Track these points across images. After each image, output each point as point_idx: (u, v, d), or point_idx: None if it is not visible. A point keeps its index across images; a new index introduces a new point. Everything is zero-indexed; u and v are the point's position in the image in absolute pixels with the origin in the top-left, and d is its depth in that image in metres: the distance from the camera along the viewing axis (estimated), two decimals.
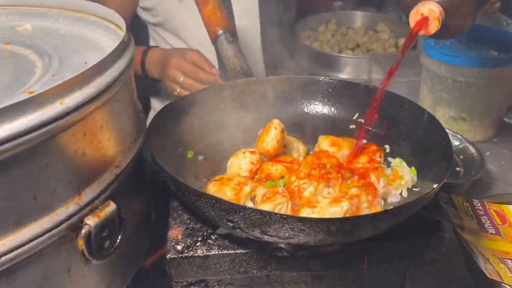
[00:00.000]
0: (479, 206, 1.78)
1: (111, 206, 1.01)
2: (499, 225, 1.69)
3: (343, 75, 2.84)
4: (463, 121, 2.25)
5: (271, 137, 1.31)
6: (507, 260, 1.52)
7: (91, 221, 0.97)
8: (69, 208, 0.93)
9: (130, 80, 1.14)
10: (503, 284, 1.39)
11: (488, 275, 1.44)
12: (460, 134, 2.07)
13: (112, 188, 1.03)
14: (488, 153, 2.14)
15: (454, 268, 1.51)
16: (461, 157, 1.99)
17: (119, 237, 1.06)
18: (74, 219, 0.94)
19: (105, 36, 1.28)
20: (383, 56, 2.79)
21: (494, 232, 1.66)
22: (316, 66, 2.78)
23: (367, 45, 3.02)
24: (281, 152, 1.36)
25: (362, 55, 2.91)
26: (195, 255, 1.12)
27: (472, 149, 2.02)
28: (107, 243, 1.03)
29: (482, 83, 2.11)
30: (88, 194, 0.97)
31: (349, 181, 1.19)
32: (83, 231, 0.96)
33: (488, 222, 1.71)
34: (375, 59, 2.73)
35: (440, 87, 2.23)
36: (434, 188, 1.09)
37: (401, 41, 3.04)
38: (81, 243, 0.96)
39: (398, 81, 2.58)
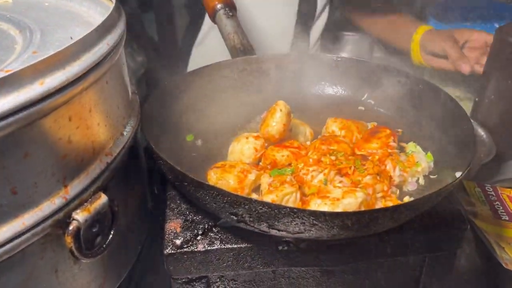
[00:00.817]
0: (491, 191, 1.70)
1: (102, 199, 0.91)
2: None
3: (344, 54, 2.75)
4: (469, 101, 2.16)
5: (276, 121, 1.21)
6: None
7: (79, 216, 0.86)
8: (54, 202, 0.83)
9: (121, 58, 1.03)
10: None
11: (504, 265, 1.37)
12: None
13: (103, 179, 0.93)
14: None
15: (467, 258, 1.43)
16: None
17: (112, 232, 0.96)
18: (61, 214, 0.84)
19: (92, 9, 1.16)
20: None
21: (507, 218, 1.58)
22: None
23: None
24: (287, 136, 1.25)
25: (364, 33, 2.82)
26: (196, 250, 1.03)
27: (480, 131, 1.93)
28: (98, 240, 0.93)
29: None
30: (75, 186, 0.86)
31: (363, 169, 1.09)
32: (71, 227, 0.86)
33: (501, 208, 1.63)
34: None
35: None
36: (457, 177, 1.00)
37: None
38: (69, 241, 0.86)
39: (400, 59, 2.49)
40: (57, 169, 0.82)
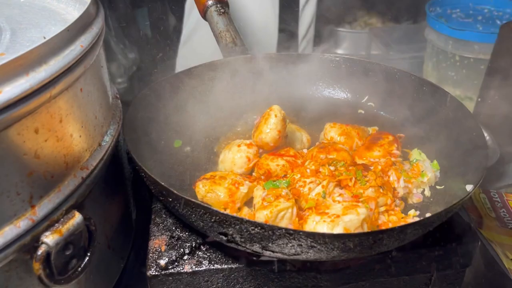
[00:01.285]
0: (496, 198, 1.61)
1: (76, 218, 0.82)
2: None
3: (340, 51, 2.69)
4: (470, 101, 2.09)
5: (270, 127, 1.11)
6: None
7: (49, 239, 0.77)
8: (19, 225, 0.73)
9: (98, 61, 0.93)
10: None
11: None
12: None
13: (78, 195, 0.84)
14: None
15: (473, 268, 1.35)
16: None
17: (89, 254, 0.86)
18: (27, 238, 0.75)
19: (71, 6, 1.06)
20: (383, 30, 2.62)
21: None
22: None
23: (365, 19, 2.86)
24: (282, 143, 1.16)
25: (361, 30, 2.74)
26: (182, 271, 0.94)
27: (484, 133, 1.86)
28: (73, 263, 0.84)
29: None
30: (44, 205, 0.77)
31: (365, 181, 0.99)
32: (39, 251, 0.77)
33: (508, 216, 1.55)
34: (374, 33, 2.56)
35: (446, 64, 2.07)
36: (469, 191, 0.91)
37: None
38: (37, 267, 0.77)
39: (400, 57, 2.42)
40: (22, 187, 0.73)
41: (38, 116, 0.73)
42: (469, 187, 0.94)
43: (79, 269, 0.85)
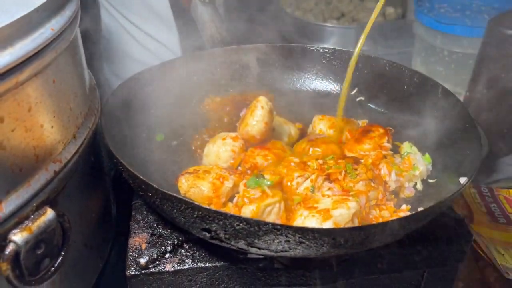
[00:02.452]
0: (487, 192, 1.60)
1: (48, 214, 0.76)
2: (510, 213, 1.52)
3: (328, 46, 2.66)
4: (458, 95, 2.08)
5: (257, 119, 1.06)
6: None
7: (18, 237, 0.72)
8: None
9: (74, 46, 0.87)
10: None
11: (505, 275, 1.27)
12: None
13: (50, 190, 0.78)
14: None
15: (466, 265, 1.33)
16: None
17: (63, 253, 0.81)
18: None
19: None
20: (371, 25, 2.60)
21: (505, 221, 1.48)
22: (298, 36, 2.56)
23: (353, 14, 2.83)
24: (269, 136, 1.11)
25: (348, 25, 2.70)
26: (164, 270, 0.89)
27: None
28: (45, 263, 0.78)
29: None
30: (12, 201, 0.71)
31: (355, 174, 0.95)
32: (7, 251, 0.71)
33: (498, 210, 1.53)
34: (362, 29, 2.53)
35: (435, 59, 2.05)
36: (463, 183, 0.87)
37: (389, 10, 2.87)
38: (5, 267, 0.71)
39: (387, 53, 2.40)
40: None
41: (3, 103, 0.67)
42: (463, 180, 0.91)
43: (52, 269, 0.80)
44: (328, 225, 0.83)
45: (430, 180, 1.08)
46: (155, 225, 0.97)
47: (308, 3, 2.84)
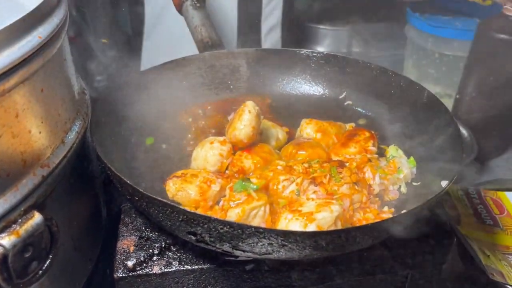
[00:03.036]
0: (474, 194, 1.61)
1: (36, 218, 0.77)
2: (497, 215, 1.53)
3: (321, 48, 2.66)
4: (449, 98, 2.10)
5: (244, 123, 1.08)
6: (509, 256, 1.36)
7: (6, 241, 0.73)
8: None
9: (61, 52, 0.88)
10: (507, 286, 1.23)
11: (490, 276, 1.28)
12: None
13: (38, 195, 0.80)
14: None
15: (450, 264, 1.34)
16: None
17: (51, 256, 0.82)
18: None
19: None
20: (364, 28, 2.62)
21: (492, 223, 1.49)
22: (289, 38, 2.58)
23: (346, 16, 2.86)
24: (257, 140, 1.13)
25: (342, 27, 2.72)
26: (151, 272, 0.90)
27: (462, 129, 1.86)
28: (33, 266, 0.80)
29: None
30: None
31: (340, 178, 0.97)
32: None
33: (485, 211, 1.55)
34: (355, 31, 2.56)
35: (426, 62, 2.08)
36: (444, 187, 0.89)
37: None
38: None
39: (379, 55, 2.42)
40: None
41: None
42: (444, 183, 0.93)
43: (40, 272, 0.81)
44: (311, 228, 0.84)
45: (414, 183, 1.10)
46: (143, 228, 0.99)
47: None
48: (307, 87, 1.43)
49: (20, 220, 0.76)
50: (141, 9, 1.86)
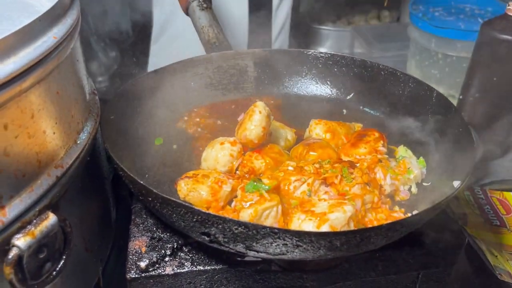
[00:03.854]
0: (480, 194, 1.62)
1: (50, 219, 0.77)
2: (504, 215, 1.54)
3: (323, 49, 2.67)
4: (453, 98, 2.11)
5: (254, 124, 1.08)
6: None
7: (21, 242, 0.73)
8: None
9: (74, 53, 0.89)
10: None
11: (498, 276, 1.28)
12: None
13: (52, 195, 0.79)
14: None
15: (458, 265, 1.35)
16: None
17: (64, 257, 0.82)
18: None
19: None
20: (366, 29, 2.62)
21: (499, 223, 1.50)
22: (293, 38, 2.60)
23: (348, 17, 2.85)
24: (267, 141, 1.13)
25: (344, 28, 2.73)
26: (163, 273, 0.90)
27: None
28: (47, 267, 0.80)
29: None
30: (15, 206, 0.73)
31: (351, 178, 0.97)
32: (10, 255, 0.72)
33: (492, 212, 1.55)
34: (357, 32, 2.56)
35: (429, 62, 2.08)
36: (456, 187, 0.89)
37: (384, 13, 2.90)
38: (8, 271, 0.72)
39: (382, 56, 2.42)
40: None
41: (7, 111, 0.69)
42: (456, 183, 0.93)
43: (54, 273, 0.81)
44: (325, 228, 0.85)
45: (424, 184, 1.10)
46: (154, 229, 0.99)
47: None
48: (315, 87, 1.43)
49: (35, 221, 0.76)
50: (148, 12, 1.87)
